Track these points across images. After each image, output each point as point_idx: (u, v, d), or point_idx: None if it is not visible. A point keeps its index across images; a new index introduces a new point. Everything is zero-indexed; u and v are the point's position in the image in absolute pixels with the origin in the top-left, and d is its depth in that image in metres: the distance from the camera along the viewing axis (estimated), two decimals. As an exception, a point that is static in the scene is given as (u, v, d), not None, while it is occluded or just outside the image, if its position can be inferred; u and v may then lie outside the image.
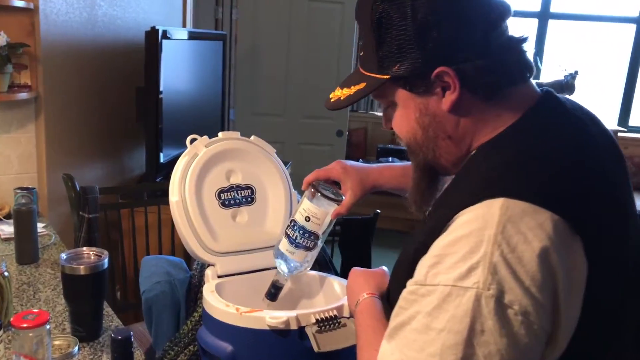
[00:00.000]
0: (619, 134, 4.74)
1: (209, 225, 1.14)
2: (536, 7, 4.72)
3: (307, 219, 1.04)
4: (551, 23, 4.72)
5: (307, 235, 1.05)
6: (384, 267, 0.98)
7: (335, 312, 0.96)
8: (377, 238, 2.16)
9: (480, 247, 0.61)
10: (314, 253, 1.08)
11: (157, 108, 2.13)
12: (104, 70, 2.29)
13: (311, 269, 1.35)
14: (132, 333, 0.89)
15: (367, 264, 2.16)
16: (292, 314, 0.93)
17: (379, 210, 2.06)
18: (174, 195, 1.13)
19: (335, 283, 1.16)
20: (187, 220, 1.12)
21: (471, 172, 0.71)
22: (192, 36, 2.53)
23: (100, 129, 2.32)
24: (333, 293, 1.15)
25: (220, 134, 1.22)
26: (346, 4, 3.77)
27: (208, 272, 1.12)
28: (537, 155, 0.67)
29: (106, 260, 1.20)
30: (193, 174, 1.15)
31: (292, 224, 1.06)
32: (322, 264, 1.29)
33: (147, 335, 1.60)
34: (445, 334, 0.61)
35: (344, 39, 3.86)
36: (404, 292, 0.68)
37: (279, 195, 1.24)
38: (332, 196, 1.05)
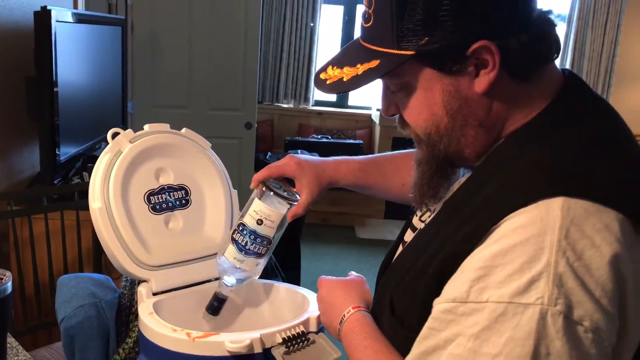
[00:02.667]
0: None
1: (139, 235, 0.97)
2: None
3: (260, 222, 0.91)
4: (360, 8, 4.88)
5: (258, 240, 0.91)
6: (354, 273, 0.87)
7: (302, 328, 0.85)
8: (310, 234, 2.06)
9: (541, 255, 0.52)
10: (265, 259, 0.95)
11: (53, 100, 1.86)
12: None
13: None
14: None
15: (296, 262, 2.06)
16: (254, 335, 0.80)
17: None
18: (95, 201, 0.95)
19: (281, 290, 1.04)
20: (113, 229, 0.94)
21: (507, 166, 0.61)
22: (89, 20, 2.26)
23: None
24: (281, 302, 1.03)
25: (146, 127, 1.05)
26: (251, -10, 3.61)
27: (141, 289, 0.95)
28: (591, 146, 0.59)
29: (10, 284, 0.99)
30: (117, 174, 0.97)
31: (241, 228, 0.92)
32: (268, 270, 1.17)
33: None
34: None
35: (248, 26, 3.70)
36: (436, 312, 0.58)
37: (218, 195, 1.09)
38: (286, 195, 0.93)
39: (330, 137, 5.02)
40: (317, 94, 5.14)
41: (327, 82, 0.67)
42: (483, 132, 0.64)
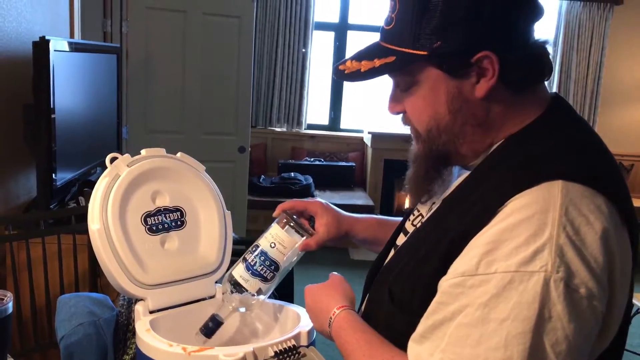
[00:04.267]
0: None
1: (136, 255, 1.01)
2: (335, 19, 4.94)
3: (273, 245, 0.95)
4: (350, 34, 5.01)
5: (267, 263, 0.95)
6: (335, 273, 0.92)
7: (293, 342, 0.88)
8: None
9: (544, 229, 0.59)
10: (269, 288, 0.98)
11: (50, 127, 1.91)
12: (-18, 85, 2.02)
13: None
14: None
15: (290, 288, 2.09)
16: (247, 348, 0.84)
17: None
18: (94, 223, 0.99)
19: (273, 306, 1.08)
20: (111, 250, 0.98)
21: (509, 158, 0.69)
22: (85, 48, 2.33)
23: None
24: (272, 318, 1.07)
25: (143, 152, 1.10)
26: (243, 18, 3.70)
27: (138, 308, 0.99)
28: (581, 145, 0.68)
29: (10, 305, 1.02)
30: (116, 197, 1.01)
31: (254, 248, 0.96)
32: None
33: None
34: (509, 323, 0.57)
35: (241, 52, 3.78)
36: (445, 287, 0.64)
37: (212, 216, 1.13)
38: (304, 227, 0.97)
39: (322, 160, 5.08)
40: (309, 118, 5.21)
41: (345, 72, 0.74)
42: (480, 132, 0.71)
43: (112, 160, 1.05)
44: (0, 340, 1.01)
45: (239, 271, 0.95)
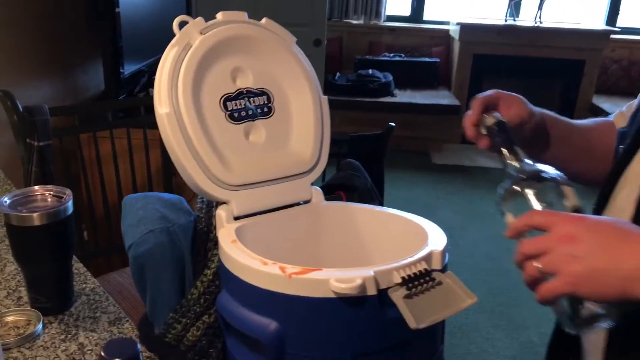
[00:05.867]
0: (611, 36, 4.47)
1: (216, 148, 0.80)
2: None
3: None
4: None
5: None
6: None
7: (424, 265, 0.66)
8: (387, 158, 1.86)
9: None
10: None
11: (114, 13, 1.70)
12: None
13: (348, 198, 1.04)
14: (139, 349, 0.57)
15: (379, 186, 1.87)
16: (366, 272, 0.62)
17: (393, 124, 1.75)
18: (163, 106, 0.77)
19: (389, 217, 0.85)
20: (185, 141, 0.77)
21: None
22: None
23: (44, 39, 1.88)
24: (390, 231, 0.85)
25: (219, 15, 0.85)
26: None
27: (221, 212, 0.79)
28: None
29: (70, 203, 0.85)
30: (187, 72, 0.79)
31: None
32: (364, 193, 0.98)
33: (134, 297, 1.30)
34: None
35: None
36: None
37: (305, 102, 0.89)
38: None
39: (403, 56, 4.68)
40: (389, 9, 4.76)
41: None
42: None
43: (182, 25, 0.81)
44: (62, 243, 0.86)
45: None
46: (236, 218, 0.80)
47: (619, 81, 4.75)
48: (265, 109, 0.87)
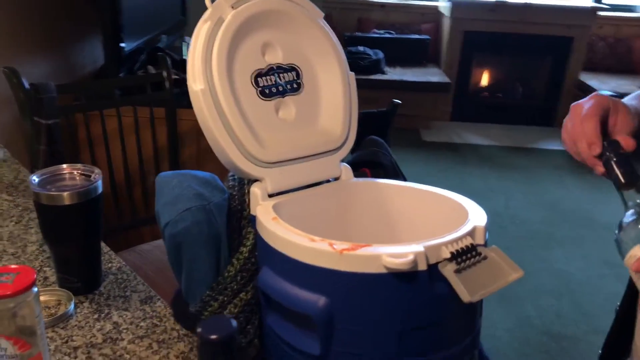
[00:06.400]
0: (598, 12, 4.49)
1: (250, 125, 0.79)
2: None
3: None
4: None
5: None
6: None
7: (470, 240, 0.66)
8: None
9: None
10: None
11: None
12: None
13: (373, 174, 1.04)
14: (235, 326, 0.57)
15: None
16: (417, 248, 0.62)
17: (399, 101, 1.75)
18: (197, 82, 0.76)
19: (424, 194, 0.86)
20: (220, 117, 0.76)
21: None
22: None
23: (40, 14, 1.82)
24: (428, 208, 0.85)
25: (249, -10, 0.83)
26: None
27: (256, 190, 0.78)
28: None
29: (100, 182, 0.84)
30: (221, 48, 0.77)
31: None
32: (388, 170, 0.98)
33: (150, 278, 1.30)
34: None
35: None
36: None
37: (334, 78, 0.89)
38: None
39: (393, 33, 4.66)
40: (379, -15, 4.72)
41: None
42: None
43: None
44: (92, 222, 0.85)
45: None
46: (270, 195, 0.80)
47: (605, 58, 4.79)
48: (295, 85, 0.86)
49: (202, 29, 0.79)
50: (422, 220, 0.84)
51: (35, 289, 0.64)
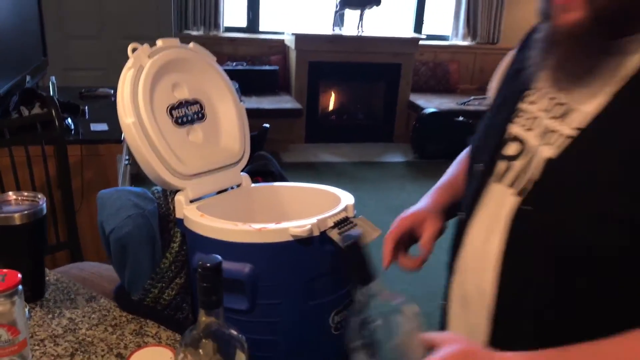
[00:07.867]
0: (420, 42, 5.21)
1: (171, 147, 1.02)
2: None
3: None
4: None
5: None
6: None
7: (345, 214, 0.96)
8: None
9: None
10: None
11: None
12: None
13: (265, 181, 1.30)
14: (220, 259, 0.70)
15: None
16: (312, 220, 0.90)
17: (267, 125, 2.02)
18: (128, 116, 0.97)
19: (305, 189, 1.14)
20: (148, 143, 0.98)
21: None
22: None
23: None
24: (312, 197, 1.13)
25: (159, 42, 1.06)
26: None
27: (180, 197, 1.01)
28: None
29: (44, 205, 1.00)
30: (144, 89, 0.99)
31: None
32: (276, 176, 1.25)
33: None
34: None
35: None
36: None
37: (229, 108, 1.14)
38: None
39: (245, 64, 4.97)
40: (226, 20, 5.02)
41: None
42: None
43: (133, 50, 1.01)
44: (37, 242, 1.00)
45: None
46: (191, 201, 1.03)
47: (428, 80, 5.55)
48: (200, 114, 1.11)
49: (127, 75, 1.00)
50: (308, 208, 1.12)
51: (21, 287, 0.80)
